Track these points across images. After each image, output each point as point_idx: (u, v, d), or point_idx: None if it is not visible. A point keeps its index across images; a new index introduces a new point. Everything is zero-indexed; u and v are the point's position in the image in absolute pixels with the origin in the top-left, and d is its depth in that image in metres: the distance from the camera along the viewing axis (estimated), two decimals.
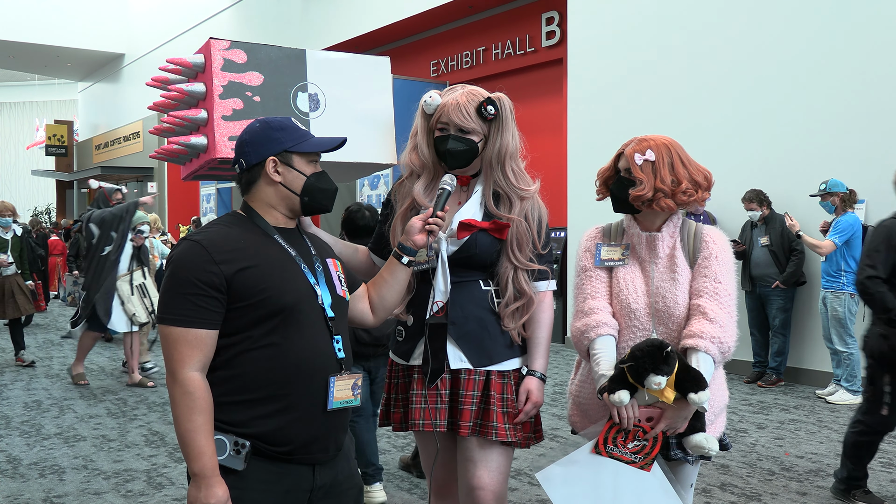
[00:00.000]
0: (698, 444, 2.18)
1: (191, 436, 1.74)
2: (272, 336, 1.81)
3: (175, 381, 1.75)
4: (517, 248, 2.35)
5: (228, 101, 2.31)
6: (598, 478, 2.20)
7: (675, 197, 2.26)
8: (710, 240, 2.31)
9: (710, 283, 2.24)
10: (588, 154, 8.71)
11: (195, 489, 1.74)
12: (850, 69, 6.72)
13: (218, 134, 2.28)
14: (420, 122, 2.41)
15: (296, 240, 1.97)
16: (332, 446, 1.91)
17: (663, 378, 2.07)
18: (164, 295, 1.79)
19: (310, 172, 1.93)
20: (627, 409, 2.15)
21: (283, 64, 2.41)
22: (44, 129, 26.22)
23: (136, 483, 4.38)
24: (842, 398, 6.21)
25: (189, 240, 1.83)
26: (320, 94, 2.47)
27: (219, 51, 2.31)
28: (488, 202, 2.37)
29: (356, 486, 2.03)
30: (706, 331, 2.18)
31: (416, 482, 4.29)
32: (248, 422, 1.80)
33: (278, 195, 1.92)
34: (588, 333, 2.31)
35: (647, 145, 2.30)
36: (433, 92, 2.40)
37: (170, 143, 2.39)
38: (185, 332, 1.75)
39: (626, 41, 8.52)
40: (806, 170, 6.93)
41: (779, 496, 4.08)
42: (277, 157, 1.90)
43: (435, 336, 2.34)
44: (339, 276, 2.01)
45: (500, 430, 2.31)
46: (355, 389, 1.91)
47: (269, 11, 15.32)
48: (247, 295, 1.78)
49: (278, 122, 1.94)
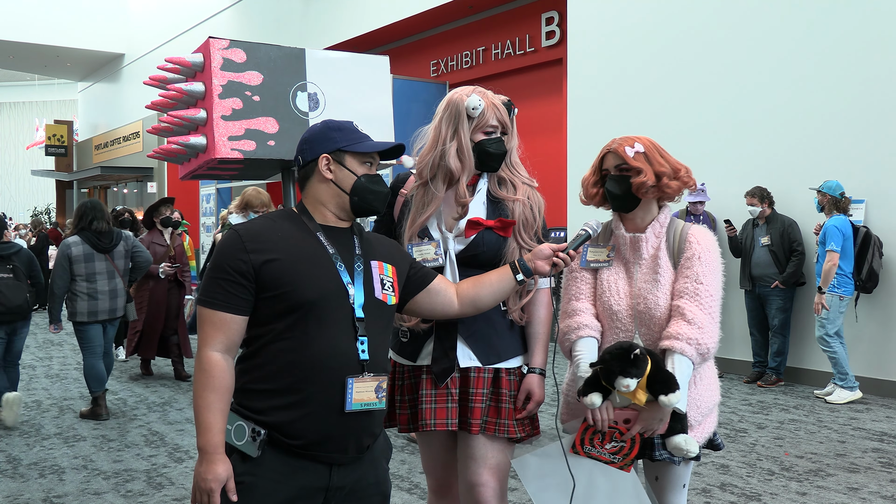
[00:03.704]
0: (677, 445, 2.18)
1: (201, 411, 1.81)
2: (292, 330, 1.85)
3: (198, 358, 1.85)
4: (522, 227, 2.39)
5: (228, 101, 2.31)
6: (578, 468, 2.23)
7: (679, 179, 2.28)
8: (693, 240, 2.29)
9: (691, 284, 2.24)
10: (588, 154, 8.64)
11: (199, 463, 1.81)
12: (850, 69, 6.72)
13: (217, 134, 2.28)
14: (464, 125, 2.35)
15: (342, 238, 1.99)
16: (351, 448, 1.91)
17: (632, 380, 2.08)
18: (204, 278, 1.90)
19: (361, 173, 1.97)
20: (601, 411, 2.19)
21: (283, 63, 2.41)
22: (44, 129, 26.21)
23: (136, 483, 4.38)
24: (840, 397, 6.22)
25: (232, 229, 1.92)
26: (320, 94, 2.47)
27: (218, 50, 2.31)
28: (493, 187, 2.41)
29: (381, 494, 2.03)
30: (683, 332, 2.18)
31: (416, 482, 4.29)
32: (266, 410, 1.85)
33: (329, 193, 1.97)
34: (569, 335, 2.35)
35: (633, 140, 2.32)
36: (472, 94, 2.35)
37: (169, 142, 2.38)
38: (213, 314, 1.84)
39: (626, 41, 8.51)
40: (806, 170, 6.92)
41: (779, 496, 4.08)
42: (331, 156, 1.96)
43: (445, 335, 2.35)
44: (384, 279, 2.02)
45: (510, 427, 2.34)
46: (379, 392, 1.91)
47: (269, 11, 15.32)
48: (272, 286, 1.84)
49: (337, 123, 2.00)
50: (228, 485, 1.81)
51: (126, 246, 6.05)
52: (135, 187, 22.57)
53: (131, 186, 22.87)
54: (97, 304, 5.81)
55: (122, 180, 23.15)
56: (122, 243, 6.02)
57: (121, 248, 6.00)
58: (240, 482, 1.83)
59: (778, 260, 6.81)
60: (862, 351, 6.58)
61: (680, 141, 7.68)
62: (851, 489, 4.18)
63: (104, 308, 5.85)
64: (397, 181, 2.56)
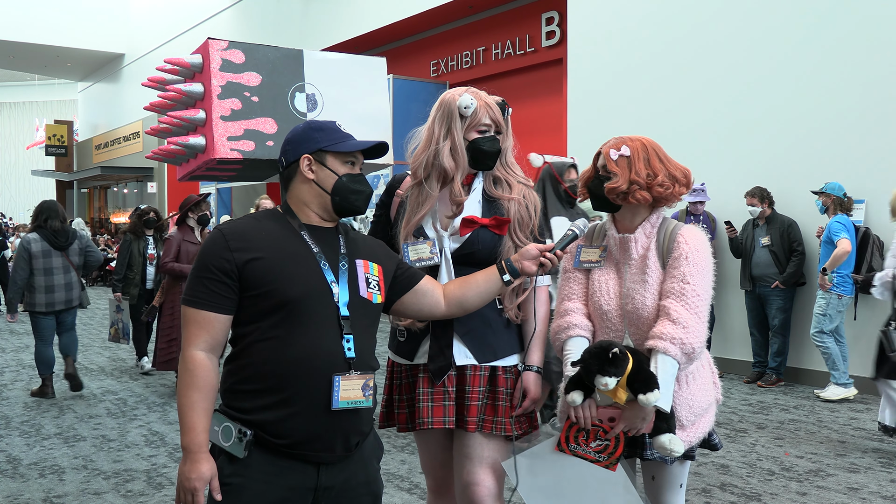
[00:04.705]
0: (662, 445, 2.19)
1: (185, 411, 1.82)
2: (277, 329, 1.86)
3: (182, 358, 1.85)
4: (518, 226, 2.40)
5: (227, 102, 2.31)
6: (563, 472, 2.24)
7: (651, 189, 2.26)
8: (682, 240, 2.28)
9: (678, 284, 2.23)
10: (588, 154, 8.63)
11: (183, 462, 1.81)
12: (850, 69, 6.71)
13: (217, 134, 2.28)
14: (457, 124, 2.37)
15: (326, 238, 1.99)
16: (338, 447, 1.91)
17: (610, 379, 2.09)
18: (188, 277, 1.91)
19: (343, 172, 1.97)
20: (583, 409, 2.20)
21: (281, 64, 2.41)
22: (44, 129, 26.22)
23: (136, 483, 4.38)
24: (833, 393, 6.23)
25: (216, 228, 1.94)
26: (318, 95, 2.47)
27: (217, 51, 2.31)
28: (488, 186, 2.42)
29: (372, 494, 2.02)
30: (667, 332, 2.17)
31: (416, 482, 4.29)
32: (252, 410, 1.85)
33: (311, 193, 1.97)
34: (560, 335, 2.38)
35: (623, 142, 2.33)
36: (464, 93, 2.38)
37: (168, 143, 2.38)
38: (196, 313, 1.85)
39: (626, 41, 8.51)
40: (806, 170, 6.92)
41: (779, 496, 4.08)
42: (312, 156, 1.96)
43: (441, 333, 2.36)
44: (370, 278, 2.02)
45: (507, 425, 2.34)
46: (366, 390, 1.91)
47: (269, 11, 15.32)
48: (256, 284, 1.85)
49: (319, 124, 2.02)
50: (213, 484, 1.81)
51: (80, 244, 6.69)
52: (135, 187, 22.58)
53: (131, 186, 22.87)
54: (54, 297, 6.46)
55: (122, 180, 23.16)
56: (77, 242, 6.66)
57: (75, 246, 6.63)
58: (228, 484, 1.83)
59: (778, 260, 6.81)
60: (862, 351, 6.57)
61: (680, 141, 7.68)
62: (851, 489, 4.18)
63: (60, 299, 6.50)
64: (394, 182, 2.56)
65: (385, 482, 4.27)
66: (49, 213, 6.46)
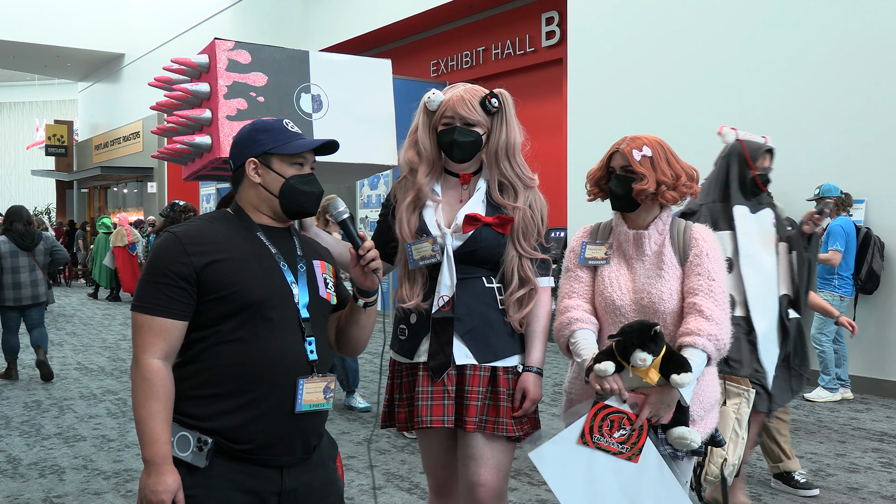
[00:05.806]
0: (680, 435, 2.19)
1: (145, 422, 1.75)
2: (240, 331, 1.80)
3: (136, 367, 1.78)
4: (523, 236, 2.39)
5: (233, 101, 2.32)
6: (593, 461, 2.19)
7: (677, 189, 2.31)
8: (699, 237, 2.34)
9: (705, 281, 2.27)
10: (588, 154, 8.68)
11: (146, 475, 1.75)
12: (851, 69, 6.73)
13: (222, 134, 2.29)
14: (422, 119, 2.46)
15: (281, 239, 1.96)
16: (298, 449, 1.88)
17: (649, 356, 2.09)
18: (139, 283, 1.83)
19: (290, 174, 1.91)
20: (610, 381, 2.15)
21: (287, 65, 2.42)
22: (44, 129, 26.21)
23: (135, 483, 4.38)
24: (819, 396, 6.26)
25: (168, 231, 1.85)
26: (323, 96, 2.48)
27: (223, 51, 2.32)
28: (494, 193, 2.42)
29: (336, 493, 2.01)
30: (703, 328, 2.20)
31: (416, 482, 4.30)
32: (211, 416, 1.79)
33: (259, 197, 1.92)
34: (563, 331, 2.38)
35: (642, 142, 2.35)
36: (434, 90, 2.45)
37: (173, 142, 2.39)
38: (151, 319, 1.78)
39: (626, 41, 8.53)
40: (806, 170, 6.93)
41: (779, 496, 4.09)
42: (257, 159, 1.90)
43: (441, 331, 2.36)
44: (326, 279, 1.99)
45: (508, 426, 2.34)
46: (327, 393, 1.89)
47: (269, 11, 15.33)
48: (216, 288, 1.79)
49: (264, 124, 1.94)
50: (178, 496, 1.75)
51: (46, 245, 7.39)
52: (135, 187, 22.57)
53: (131, 186, 22.87)
54: (21, 293, 7.18)
55: (122, 180, 23.15)
56: (42, 243, 7.35)
57: (41, 247, 7.32)
58: (190, 496, 1.77)
59: None
60: (861, 351, 6.59)
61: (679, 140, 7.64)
62: (851, 489, 4.19)
63: (27, 295, 7.21)
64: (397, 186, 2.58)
65: (385, 482, 4.28)
66: (14, 218, 7.22)
